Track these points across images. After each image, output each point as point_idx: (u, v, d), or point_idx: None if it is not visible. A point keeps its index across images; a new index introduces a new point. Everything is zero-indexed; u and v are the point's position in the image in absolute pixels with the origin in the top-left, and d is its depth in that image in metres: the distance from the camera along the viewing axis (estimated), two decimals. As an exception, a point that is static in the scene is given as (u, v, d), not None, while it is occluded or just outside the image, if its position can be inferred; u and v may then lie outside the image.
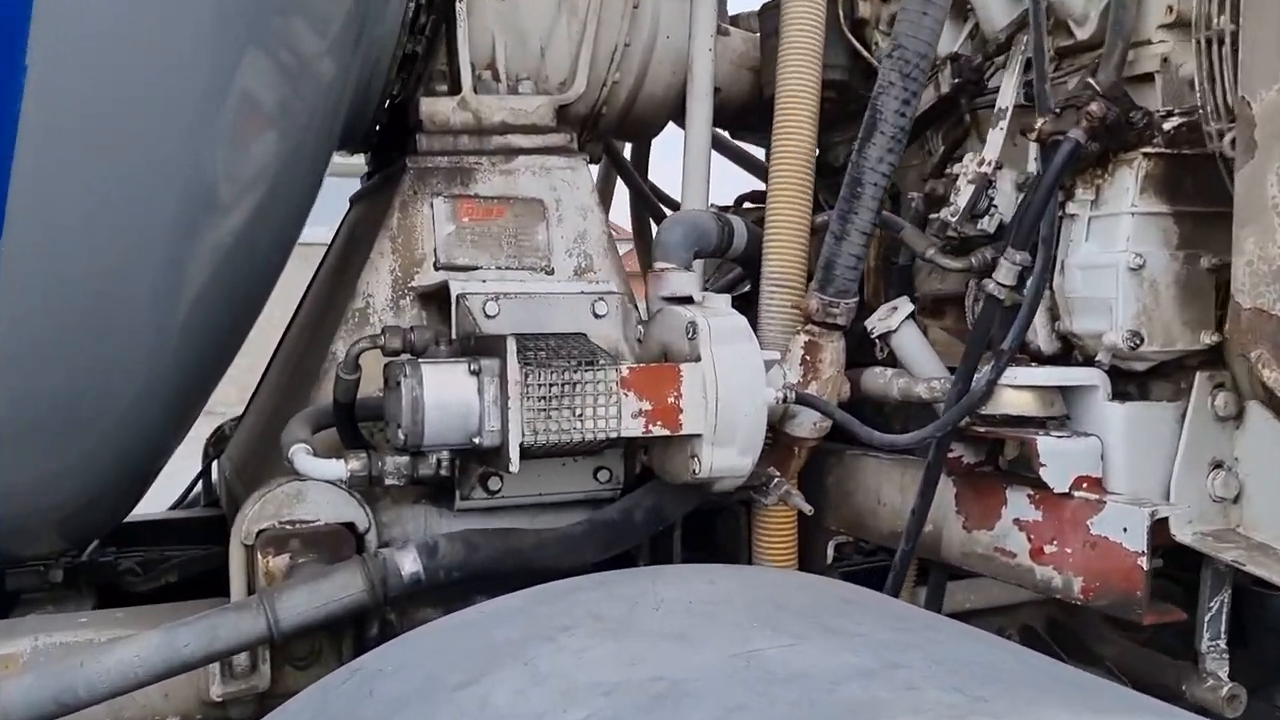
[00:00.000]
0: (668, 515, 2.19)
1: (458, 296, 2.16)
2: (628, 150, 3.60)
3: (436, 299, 2.40)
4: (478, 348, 2.01)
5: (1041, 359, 1.96)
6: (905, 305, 2.18)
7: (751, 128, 3.29)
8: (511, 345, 1.83)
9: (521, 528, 2.10)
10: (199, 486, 3.49)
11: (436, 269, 2.42)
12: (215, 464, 3.43)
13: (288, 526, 2.10)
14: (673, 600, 1.66)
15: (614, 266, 2.57)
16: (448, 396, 1.85)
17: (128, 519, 2.93)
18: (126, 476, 2.34)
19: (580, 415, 1.89)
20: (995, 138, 2.03)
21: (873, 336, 2.19)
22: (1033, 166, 2.11)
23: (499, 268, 2.46)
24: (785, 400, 2.01)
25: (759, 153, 3.78)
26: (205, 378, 2.33)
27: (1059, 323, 1.95)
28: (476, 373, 1.86)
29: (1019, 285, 1.87)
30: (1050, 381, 1.85)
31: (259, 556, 2.03)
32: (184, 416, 2.38)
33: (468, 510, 2.24)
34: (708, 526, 2.44)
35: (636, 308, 2.31)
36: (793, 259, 2.29)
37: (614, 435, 1.91)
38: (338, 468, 1.86)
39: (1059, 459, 1.78)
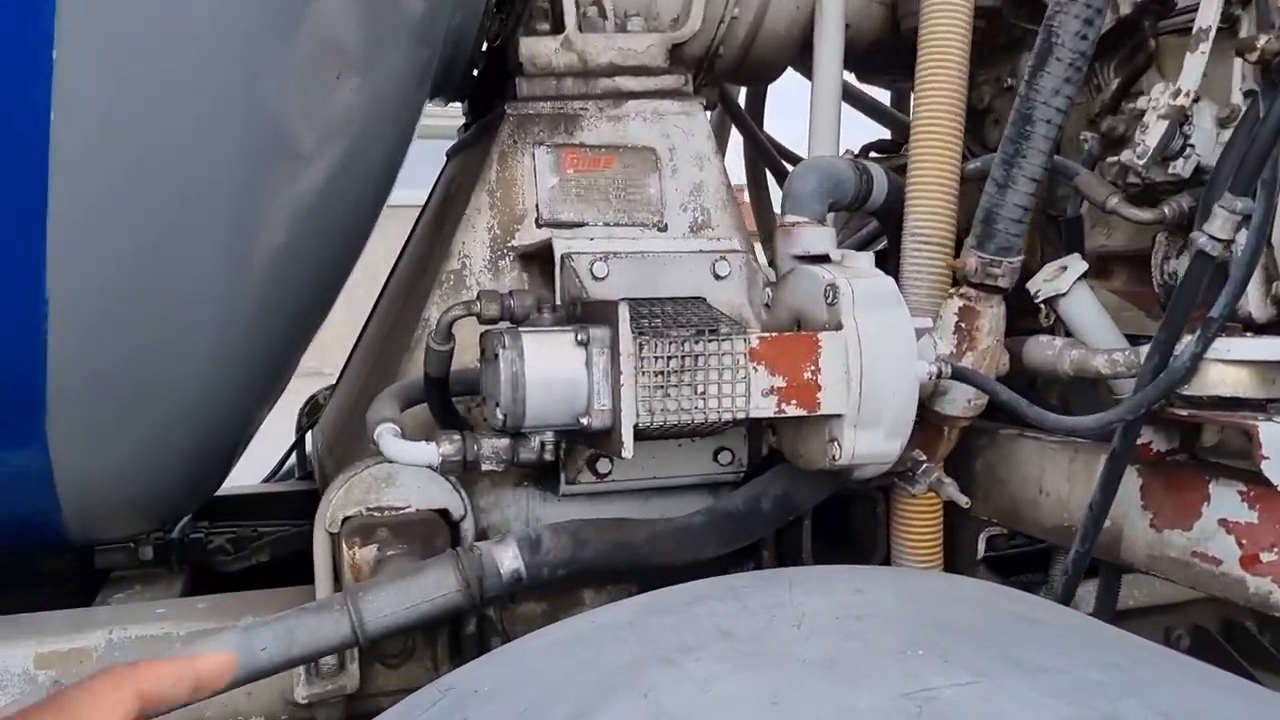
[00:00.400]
0: (798, 505, 1.94)
1: (562, 256, 1.92)
2: (741, 98, 3.32)
3: (539, 260, 2.17)
4: (585, 314, 1.77)
5: (1253, 328, 1.64)
6: (1077, 264, 1.88)
7: (881, 69, 2.98)
8: (624, 312, 1.59)
9: (634, 519, 1.87)
10: (293, 458, 3.35)
11: (539, 226, 2.19)
12: (309, 435, 3.28)
13: (376, 514, 1.90)
14: (816, 613, 1.41)
15: (734, 222, 2.31)
16: (552, 371, 1.62)
17: (221, 493, 2.79)
18: (206, 454, 2.17)
19: (703, 393, 1.64)
20: (1194, 64, 1.71)
21: (1037, 301, 1.88)
22: (1237, 97, 1.78)
23: (607, 224, 2.22)
24: (939, 375, 1.73)
25: (884, 98, 3.48)
26: (286, 347, 2.14)
27: (1276, 284, 1.63)
28: (585, 343, 1.62)
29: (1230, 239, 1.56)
30: (1273, 355, 1.53)
31: (344, 547, 1.84)
32: (266, 388, 2.20)
33: (573, 495, 2.02)
34: (839, 514, 2.17)
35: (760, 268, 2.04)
36: (942, 212, 1.99)
37: (741, 416, 1.66)
38: (428, 452, 1.65)
39: (1285, 449, 1.47)
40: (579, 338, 1.63)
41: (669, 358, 1.63)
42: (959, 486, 1.89)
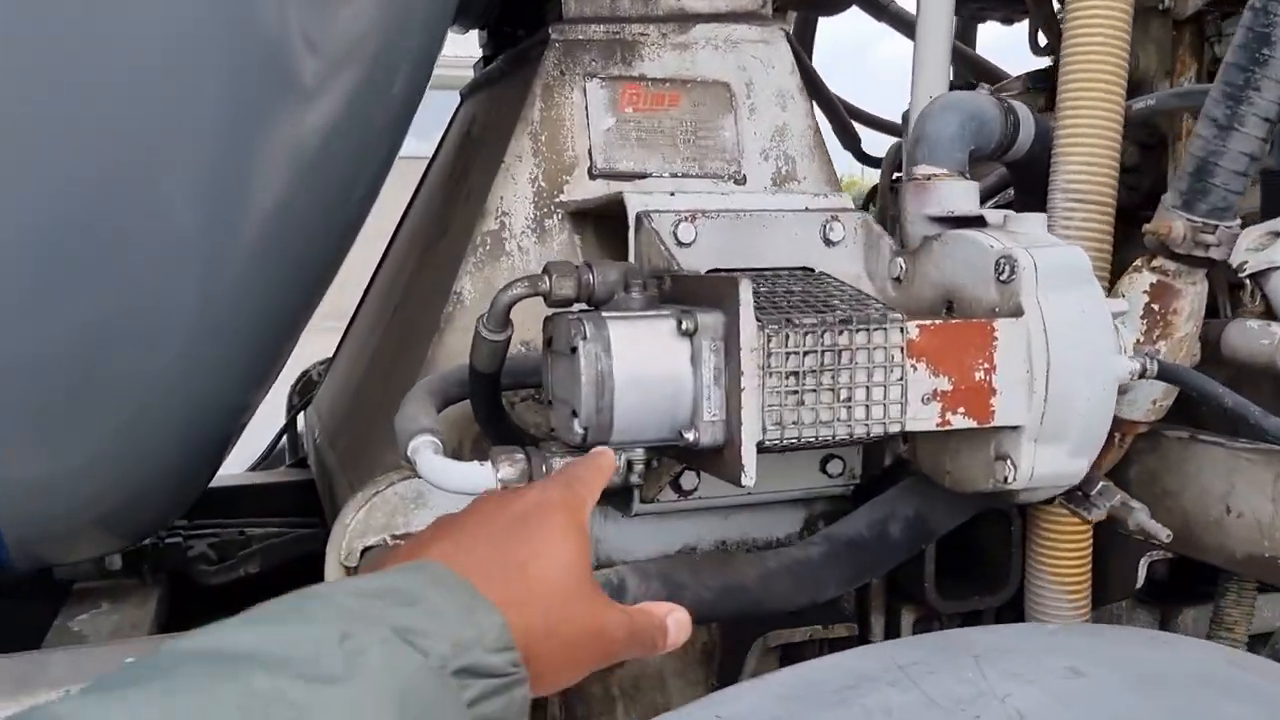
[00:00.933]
0: (934, 529, 1.55)
1: (639, 215, 1.51)
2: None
3: (594, 220, 1.76)
4: (675, 293, 1.36)
5: None
6: (1293, 229, 1.48)
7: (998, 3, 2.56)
8: (747, 290, 1.18)
9: (738, 555, 1.47)
10: (284, 442, 2.93)
11: (593, 177, 1.78)
12: (302, 416, 2.87)
13: (401, 543, 1.50)
14: (1033, 712, 1.02)
15: (825, 174, 1.91)
16: (648, 369, 1.22)
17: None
18: (187, 454, 1.76)
19: (847, 399, 1.24)
20: None
21: (1243, 275, 1.49)
22: None
23: (673, 175, 1.82)
24: (1144, 374, 1.33)
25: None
26: (285, 320, 1.73)
27: None
28: (690, 333, 1.22)
29: None
30: None
31: (366, 587, 1.43)
32: (260, 371, 1.79)
33: (645, 514, 1.62)
34: (960, 532, 1.78)
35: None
36: (1104, 162, 1.59)
37: (895, 429, 1.26)
38: (482, 476, 1.24)
39: None
40: (683, 326, 1.22)
41: (805, 353, 1.23)
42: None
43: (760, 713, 1.06)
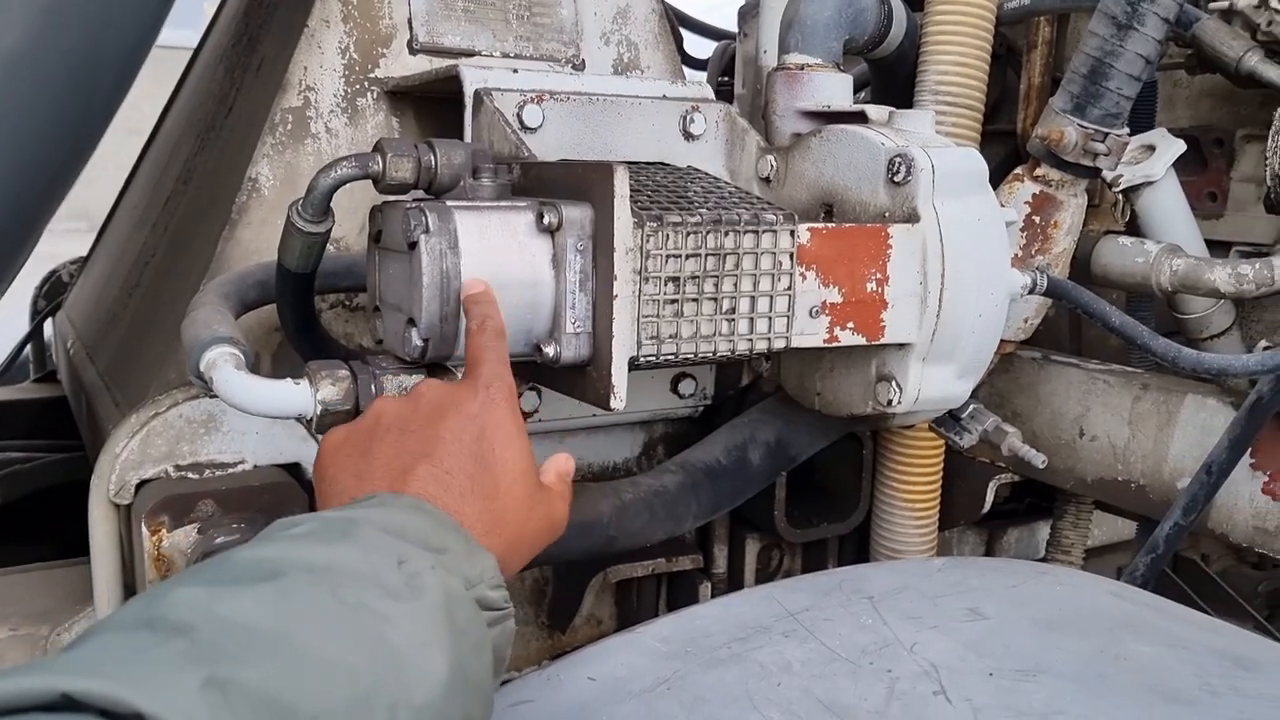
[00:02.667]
0: (795, 454, 1.43)
1: (477, 93, 1.29)
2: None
3: (414, 101, 1.53)
4: (530, 184, 1.16)
5: None
6: (1169, 144, 1.42)
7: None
8: (622, 179, 1.00)
9: (591, 485, 1.30)
10: (28, 352, 2.54)
11: (413, 52, 1.54)
12: (50, 323, 2.49)
13: (192, 475, 1.26)
14: (948, 667, 0.92)
15: (669, 65, 1.73)
16: (502, 270, 1.02)
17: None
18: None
19: (731, 311, 1.08)
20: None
21: (1117, 189, 1.42)
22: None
23: (505, 54, 1.60)
24: (1034, 289, 1.24)
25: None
26: (21, 213, 1.41)
27: None
28: (552, 229, 1.03)
29: None
30: None
31: (143, 529, 1.19)
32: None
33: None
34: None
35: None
36: (975, 63, 1.49)
37: (779, 345, 1.12)
38: (299, 397, 1.01)
39: None
40: (545, 220, 1.03)
41: (687, 256, 1.05)
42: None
43: (644, 674, 0.91)
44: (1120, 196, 1.43)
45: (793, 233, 1.10)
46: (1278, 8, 1.30)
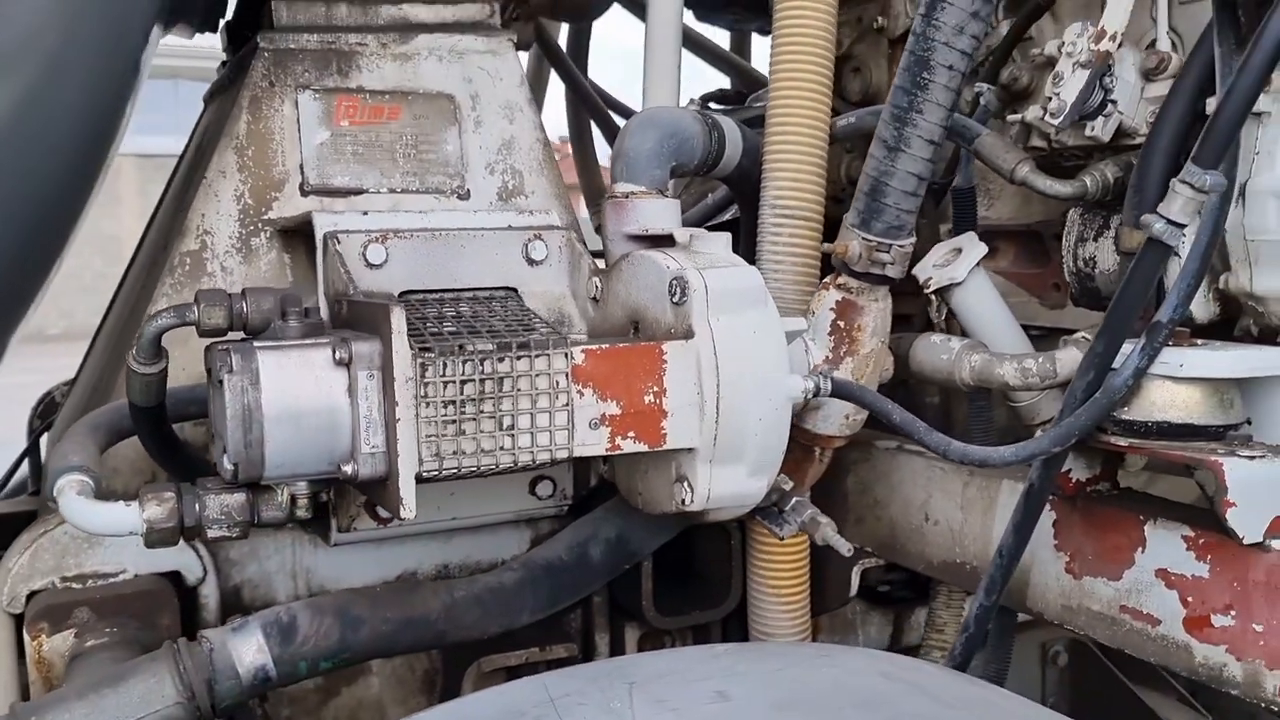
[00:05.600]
0: (636, 550, 1.55)
1: (325, 236, 1.46)
2: (563, 38, 2.87)
3: (304, 238, 1.70)
4: (351, 318, 1.32)
5: (1195, 332, 1.32)
6: (973, 246, 1.53)
7: (722, 7, 2.59)
8: (399, 318, 1.15)
9: (424, 584, 1.44)
10: (25, 469, 2.75)
11: (305, 194, 1.72)
12: (45, 441, 2.70)
13: (75, 585, 1.41)
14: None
15: (553, 189, 1.88)
16: (301, 401, 1.17)
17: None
18: None
19: (510, 427, 1.22)
20: (1121, 1, 1.37)
21: (927, 291, 1.53)
22: (1165, 42, 1.46)
23: (393, 190, 1.77)
24: (818, 392, 1.35)
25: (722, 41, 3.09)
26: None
27: (1224, 278, 1.32)
28: (345, 362, 1.18)
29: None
30: (1235, 371, 1.21)
31: (28, 636, 1.35)
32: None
33: (353, 542, 1.57)
34: (684, 547, 1.79)
35: (588, 248, 1.62)
36: (809, 179, 1.62)
37: (562, 455, 1.24)
38: (125, 518, 1.17)
39: (1253, 493, 1.15)
40: (338, 355, 1.18)
41: (463, 381, 1.19)
42: (826, 507, 1.53)
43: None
44: (933, 297, 1.54)
45: (567, 355, 1.23)
46: (1032, 122, 1.41)
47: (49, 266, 1.69)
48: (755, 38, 3.07)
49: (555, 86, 2.95)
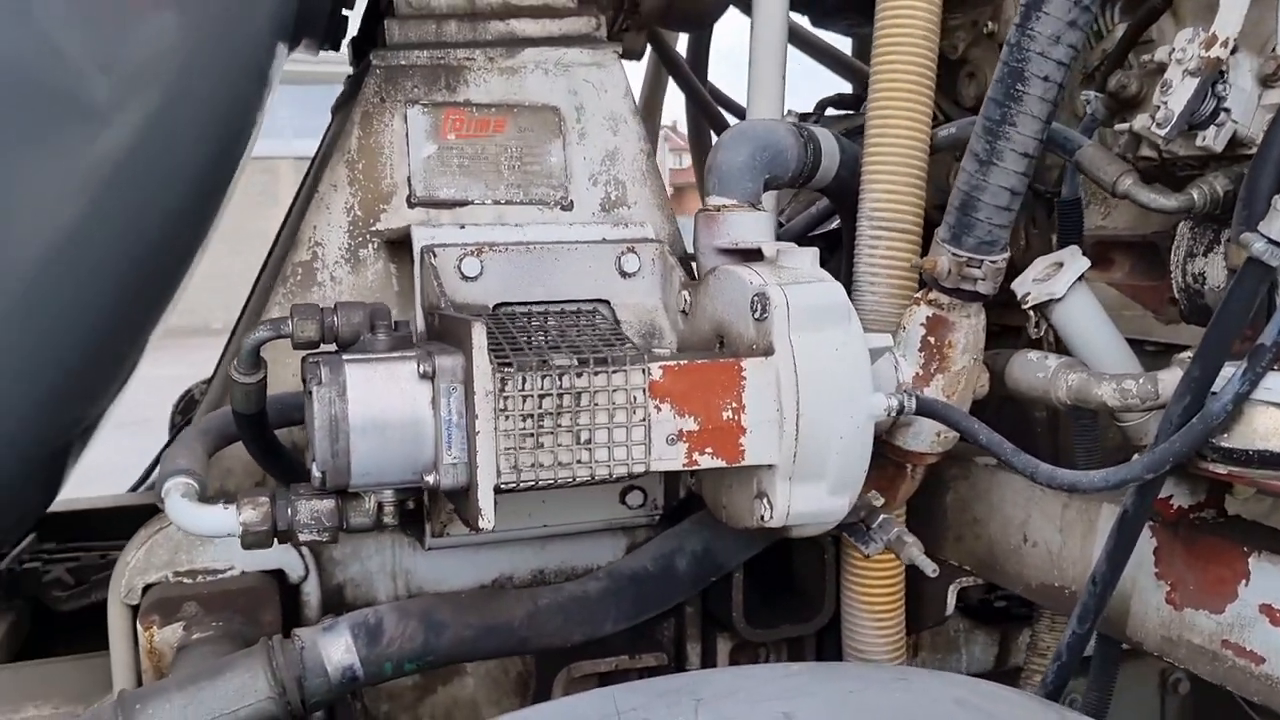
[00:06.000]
0: (723, 563, 1.55)
1: (423, 250, 1.51)
2: (682, 45, 2.88)
3: (410, 248, 1.75)
4: (441, 330, 1.36)
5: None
6: (1076, 261, 1.48)
7: (838, 11, 2.56)
8: (479, 334, 1.18)
9: (509, 592, 1.47)
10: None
11: (411, 206, 1.77)
12: (184, 435, 2.86)
13: (186, 580, 1.49)
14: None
15: (656, 200, 1.90)
16: (386, 412, 1.21)
17: (66, 508, 2.37)
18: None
19: (588, 441, 1.24)
20: (1233, 4, 1.30)
21: (1025, 306, 1.49)
22: (1287, 48, 1.38)
23: (497, 202, 1.80)
24: (902, 410, 1.33)
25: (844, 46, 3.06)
26: (100, 340, 1.70)
27: (1335, 299, 1.25)
28: (430, 375, 1.22)
29: (1287, 241, 1.16)
30: (1345, 398, 1.14)
31: (140, 627, 1.43)
32: (83, 388, 1.76)
33: (449, 546, 1.62)
34: (779, 558, 1.78)
35: (684, 262, 1.63)
36: (906, 190, 1.59)
37: (639, 470, 1.26)
38: (224, 520, 1.23)
39: (1362, 528, 1.09)
40: (422, 368, 1.22)
41: (541, 395, 1.22)
42: (923, 522, 1.51)
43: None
44: (1031, 313, 1.49)
45: (645, 371, 1.24)
46: (1139, 131, 1.36)
47: (180, 272, 1.79)
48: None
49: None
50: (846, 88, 2.99)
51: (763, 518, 1.31)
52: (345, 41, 2.25)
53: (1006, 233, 1.38)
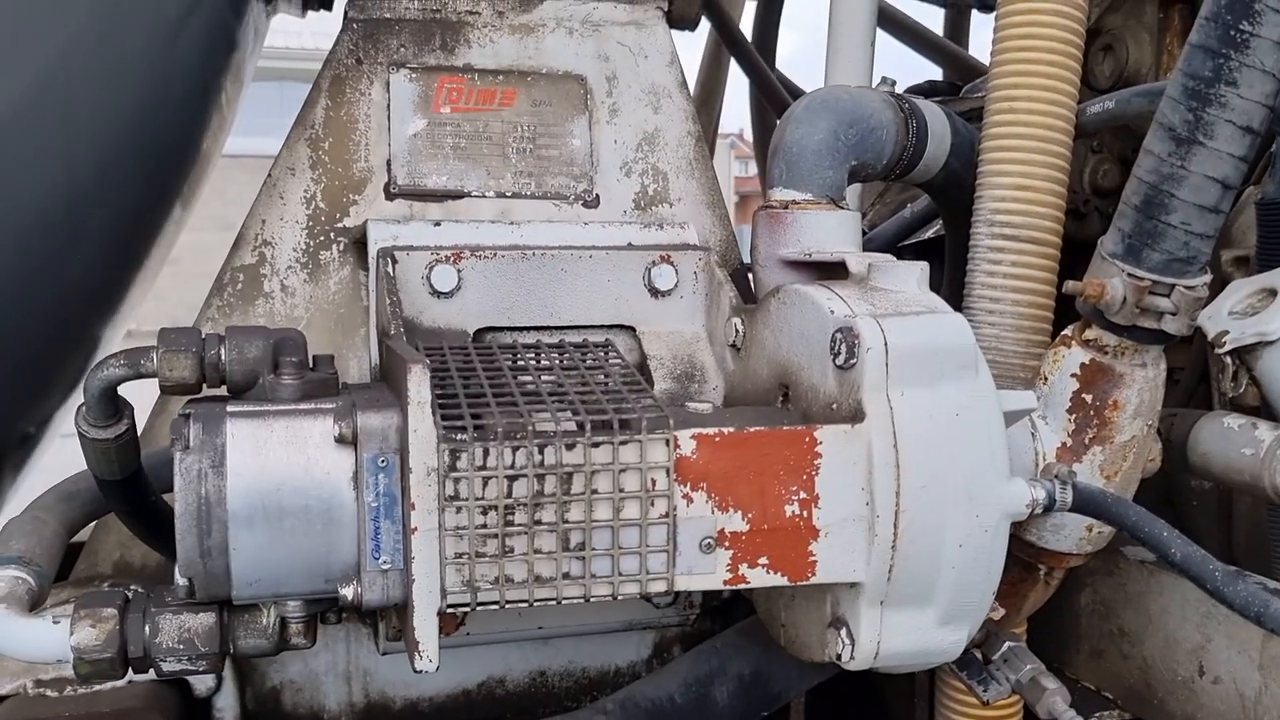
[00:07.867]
0: (780, 693, 1.13)
1: (380, 254, 1.11)
2: (748, 16, 2.46)
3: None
4: (387, 370, 0.96)
5: None
6: (1295, 288, 1.04)
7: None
8: (418, 381, 0.77)
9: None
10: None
11: (391, 197, 1.38)
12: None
13: (48, 693, 1.11)
14: None
15: (705, 195, 1.48)
16: (283, 494, 0.81)
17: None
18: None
19: (580, 546, 0.82)
20: None
21: (1221, 351, 1.05)
22: None
23: (501, 194, 1.40)
24: (1051, 506, 0.90)
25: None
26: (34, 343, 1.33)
27: None
28: (349, 440, 0.81)
29: None
30: None
31: (-20, 759, 1.05)
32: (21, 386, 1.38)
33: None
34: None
35: (738, 278, 1.22)
36: (1044, 188, 1.16)
37: (656, 588, 0.84)
38: (49, 640, 0.84)
39: None
40: (339, 428, 0.81)
41: (511, 477, 0.81)
42: (1050, 633, 1.08)
43: None
44: (1229, 359, 1.05)
45: (669, 441, 0.83)
46: None
47: (131, 272, 1.40)
48: (976, 20, 2.60)
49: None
50: (938, 73, 2.57)
51: (839, 655, 0.89)
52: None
53: (1209, 245, 0.94)
